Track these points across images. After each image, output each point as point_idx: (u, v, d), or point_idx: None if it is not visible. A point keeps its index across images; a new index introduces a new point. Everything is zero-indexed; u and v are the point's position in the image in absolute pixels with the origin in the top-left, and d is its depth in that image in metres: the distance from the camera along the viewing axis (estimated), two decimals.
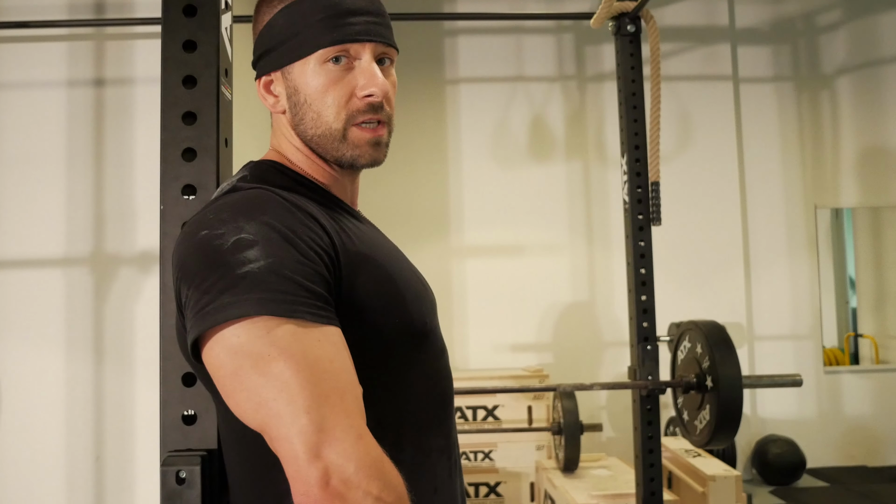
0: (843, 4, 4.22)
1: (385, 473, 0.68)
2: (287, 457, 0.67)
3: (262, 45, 0.87)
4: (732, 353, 1.86)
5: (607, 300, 3.94)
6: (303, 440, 0.66)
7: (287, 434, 0.67)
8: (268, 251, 0.71)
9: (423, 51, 4.01)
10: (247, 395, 0.69)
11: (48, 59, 2.55)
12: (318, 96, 0.83)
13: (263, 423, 0.69)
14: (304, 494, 0.66)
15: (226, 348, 0.70)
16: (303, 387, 0.67)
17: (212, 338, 0.71)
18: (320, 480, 0.65)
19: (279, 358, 0.68)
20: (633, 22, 2.11)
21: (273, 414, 0.67)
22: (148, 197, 2.51)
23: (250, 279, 0.69)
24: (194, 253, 0.73)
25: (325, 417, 0.67)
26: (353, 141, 0.85)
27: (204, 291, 0.71)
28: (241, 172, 0.86)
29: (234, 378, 0.70)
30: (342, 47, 0.83)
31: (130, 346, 2.47)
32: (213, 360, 0.72)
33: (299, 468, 0.66)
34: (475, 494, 3.31)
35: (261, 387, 0.68)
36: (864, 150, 4.17)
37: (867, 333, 4.52)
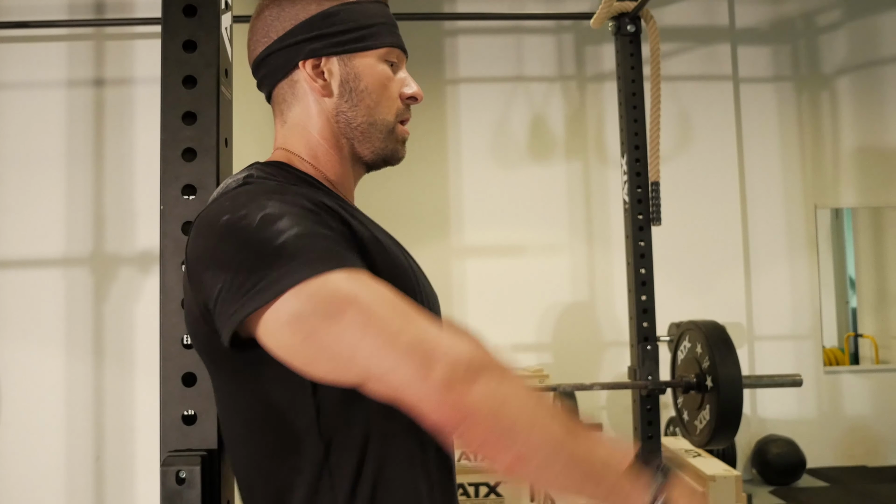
0: (843, 4, 4.22)
1: (491, 357, 0.70)
2: (401, 384, 0.67)
3: (313, 29, 0.88)
4: (732, 353, 1.86)
5: (607, 300, 3.94)
6: (408, 363, 0.67)
7: (390, 366, 0.67)
8: (296, 220, 0.73)
9: (423, 51, 4.01)
10: (331, 353, 0.70)
11: (48, 59, 2.55)
12: (381, 88, 0.90)
13: (361, 371, 0.69)
14: (435, 409, 0.67)
15: (288, 319, 0.70)
16: (382, 318, 0.69)
17: (265, 314, 0.70)
18: (443, 387, 0.66)
19: (348, 305, 0.69)
20: (633, 22, 2.11)
21: (367, 356, 0.68)
22: (148, 197, 2.51)
23: (289, 247, 0.70)
24: (222, 238, 0.74)
25: (415, 335, 0.68)
26: (399, 136, 0.93)
27: (245, 272, 0.71)
28: (246, 170, 0.86)
29: (311, 343, 0.70)
30: (400, 53, 0.92)
31: (130, 346, 2.47)
32: (278, 336, 0.71)
33: (419, 389, 0.67)
34: (475, 494, 3.31)
35: (343, 338, 0.69)
36: (864, 150, 4.16)
37: (867, 333, 4.52)
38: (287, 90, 0.91)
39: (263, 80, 0.93)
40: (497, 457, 0.69)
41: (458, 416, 0.67)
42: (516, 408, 0.68)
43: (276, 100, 0.92)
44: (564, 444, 0.70)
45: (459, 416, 0.67)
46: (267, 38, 0.90)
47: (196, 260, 0.77)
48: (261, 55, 0.90)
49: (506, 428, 0.67)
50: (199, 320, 0.79)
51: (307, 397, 0.77)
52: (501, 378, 0.69)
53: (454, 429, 0.68)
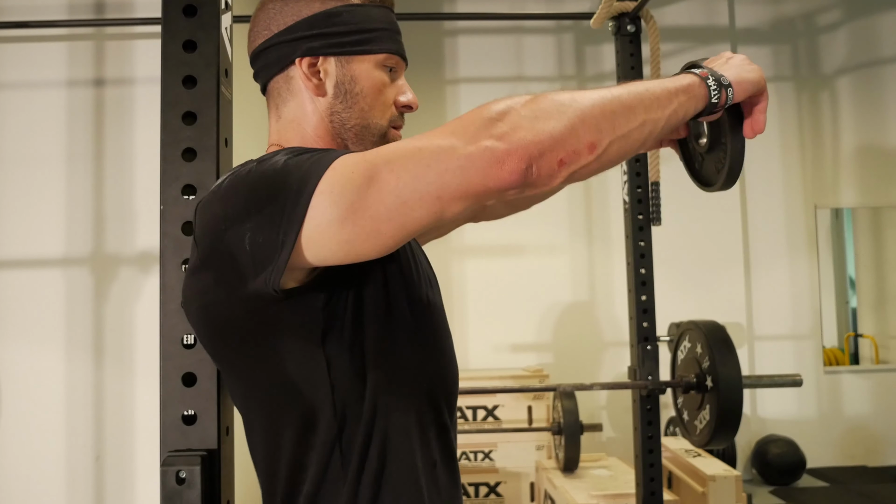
0: (843, 4, 4.22)
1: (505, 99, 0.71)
2: (462, 175, 0.67)
3: (314, 28, 0.88)
4: (732, 353, 1.86)
5: (607, 300, 3.94)
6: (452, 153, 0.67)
7: (441, 169, 0.68)
8: (315, 151, 0.75)
9: (423, 51, 4.01)
10: (394, 207, 0.69)
11: (48, 59, 2.55)
12: (376, 92, 0.90)
13: (423, 198, 0.68)
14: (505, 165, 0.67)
15: (335, 213, 0.69)
16: (410, 148, 0.70)
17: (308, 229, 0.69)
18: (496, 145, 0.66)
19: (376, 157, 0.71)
20: (633, 22, 2.11)
21: (422, 168, 0.68)
22: (148, 197, 2.51)
23: (318, 159, 0.72)
24: (249, 187, 0.74)
25: (442, 136, 0.69)
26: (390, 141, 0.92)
27: (270, 206, 0.71)
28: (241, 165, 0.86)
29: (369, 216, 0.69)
30: (399, 60, 0.92)
31: (130, 346, 2.47)
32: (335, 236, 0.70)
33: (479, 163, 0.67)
34: (475, 494, 3.31)
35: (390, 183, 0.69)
36: (864, 150, 4.16)
37: (867, 333, 4.52)
38: (282, 85, 0.91)
39: (260, 71, 0.93)
40: (580, 161, 0.70)
41: (525, 156, 0.67)
42: (560, 106, 0.69)
43: (272, 93, 0.93)
44: (619, 97, 0.73)
45: (526, 156, 0.67)
46: (267, 31, 0.90)
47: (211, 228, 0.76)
48: (259, 47, 0.91)
49: (567, 134, 0.68)
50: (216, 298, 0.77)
51: (322, 374, 0.78)
52: (528, 101, 0.70)
53: (532, 172, 0.68)
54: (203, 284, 0.79)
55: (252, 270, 0.73)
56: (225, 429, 0.95)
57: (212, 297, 0.78)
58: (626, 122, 0.73)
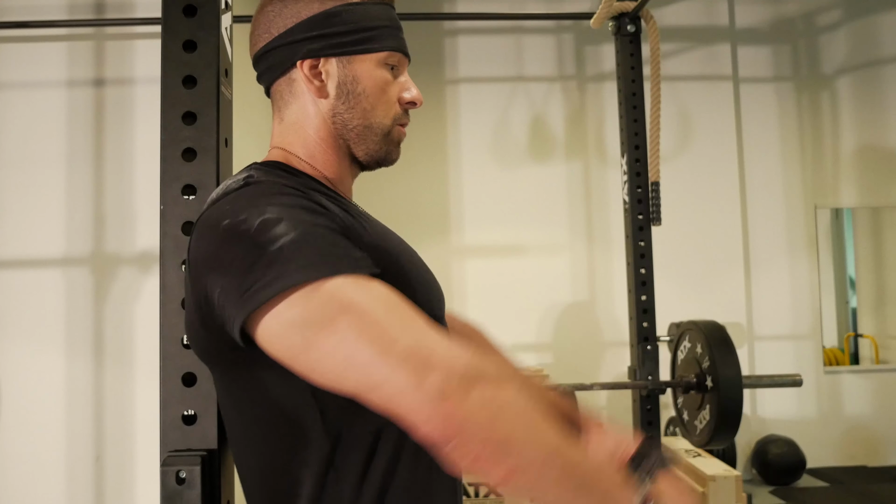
0: (843, 4, 4.22)
1: (487, 366, 0.69)
2: (394, 396, 0.66)
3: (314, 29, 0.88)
4: (732, 353, 1.86)
5: (607, 300, 3.94)
6: (401, 372, 0.65)
7: (384, 376, 0.66)
8: (294, 224, 0.72)
9: (423, 51, 4.00)
10: (327, 362, 0.69)
11: (48, 59, 2.55)
12: (379, 91, 0.89)
13: (356, 382, 0.68)
14: (428, 420, 0.65)
15: (285, 323, 0.70)
16: (377, 327, 0.68)
17: (263, 318, 0.70)
18: (436, 398, 0.65)
19: (343, 313, 0.68)
20: (633, 22, 2.11)
21: (361, 366, 0.67)
22: (148, 197, 2.51)
23: (286, 251, 0.70)
24: (222, 242, 0.74)
25: (410, 344, 0.67)
26: (395, 138, 0.92)
27: (243, 274, 0.71)
28: (245, 171, 0.86)
29: (308, 351, 0.70)
30: (401, 57, 0.91)
31: (130, 346, 2.47)
32: (275, 340, 0.71)
33: (412, 399, 0.65)
34: (475, 494, 3.30)
35: (338, 348, 0.68)
36: (864, 150, 4.16)
37: (867, 333, 4.52)
38: (285, 87, 0.90)
39: (262, 75, 0.93)
40: (490, 471, 0.67)
41: (451, 428, 0.65)
42: (511, 420, 0.67)
43: (274, 96, 0.92)
44: (558, 455, 0.69)
45: (452, 428, 0.65)
46: (268, 34, 0.89)
47: (197, 263, 0.77)
48: (261, 50, 0.90)
49: (500, 441, 0.66)
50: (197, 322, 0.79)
51: (308, 399, 0.77)
52: (497, 387, 0.67)
53: (447, 442, 0.66)
54: (189, 305, 0.81)
55: (223, 319, 0.74)
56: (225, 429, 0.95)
57: (196, 324, 0.80)
58: (550, 484, 0.69)
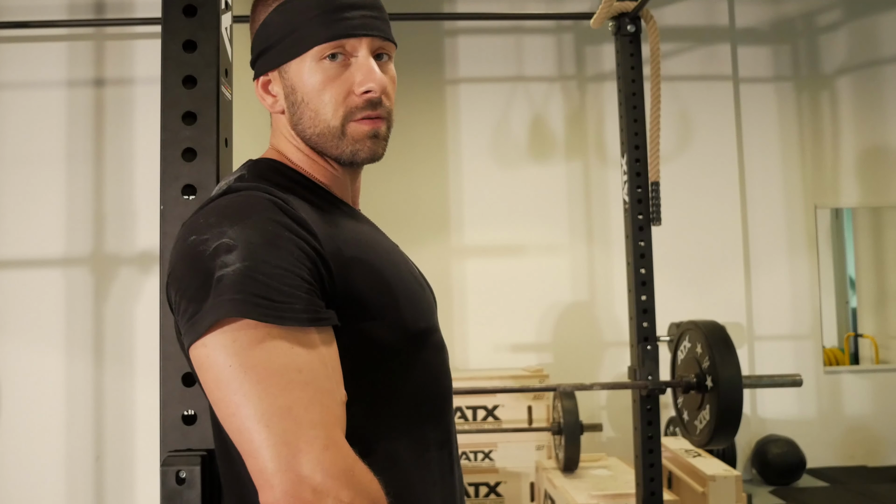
0: (843, 4, 4.22)
1: (357, 480, 0.67)
2: (253, 471, 0.65)
3: (258, 45, 0.87)
4: (732, 353, 1.86)
5: (607, 300, 3.94)
6: (267, 454, 0.64)
7: (251, 448, 0.65)
8: (246, 254, 0.69)
9: (423, 51, 4.01)
10: (220, 407, 0.69)
11: (48, 59, 2.55)
12: (316, 94, 0.82)
13: (235, 440, 0.68)
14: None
15: (200, 361, 0.70)
16: (263, 400, 0.66)
17: (194, 346, 0.71)
18: (288, 493, 0.63)
19: (242, 371, 0.67)
20: (633, 22, 2.11)
21: (238, 428, 0.67)
22: (148, 197, 2.51)
23: (224, 282, 0.68)
24: (182, 259, 0.74)
25: (288, 430, 0.65)
26: (352, 135, 0.83)
27: (189, 299, 0.71)
28: (239, 171, 0.86)
29: (211, 391, 0.70)
30: (338, 43, 0.81)
31: (130, 346, 2.47)
32: (196, 371, 0.72)
33: (266, 481, 0.64)
34: (475, 494, 3.31)
35: (228, 400, 0.67)
36: (864, 150, 4.17)
37: (867, 333, 4.52)
38: None
39: None
40: None
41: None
42: None
43: None
44: None
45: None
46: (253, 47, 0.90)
47: (168, 273, 0.77)
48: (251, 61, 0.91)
49: None
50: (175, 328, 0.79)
51: None
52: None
53: None
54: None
55: None
56: None
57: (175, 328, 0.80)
58: None
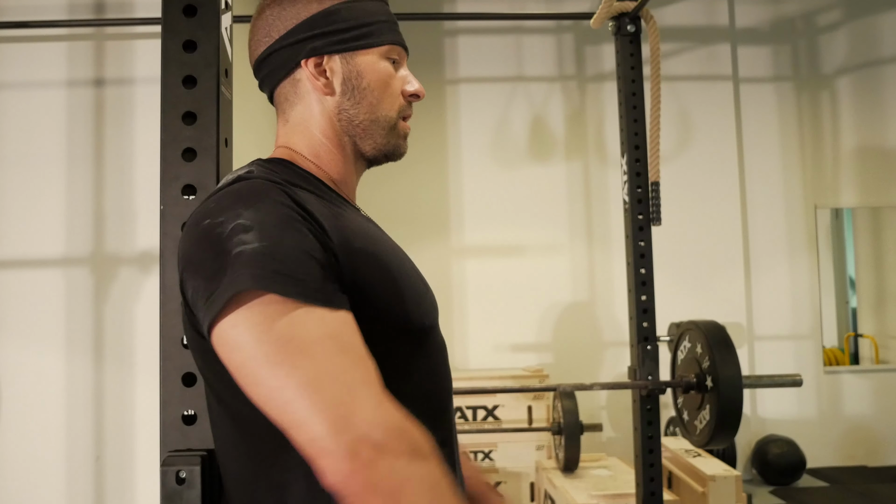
0: (843, 4, 4.22)
1: (411, 435, 0.68)
2: (307, 442, 0.66)
3: (314, 28, 0.88)
4: (732, 353, 1.86)
5: (607, 300, 3.94)
6: (321, 420, 0.65)
7: (300, 418, 0.66)
8: (263, 234, 0.71)
9: (423, 51, 4.00)
10: (257, 388, 0.69)
11: (48, 59, 2.55)
12: (383, 85, 0.91)
13: (280, 415, 0.68)
14: (335, 473, 0.64)
15: (226, 339, 0.70)
16: (307, 368, 0.67)
17: (216, 326, 0.71)
18: (349, 454, 0.64)
19: (279, 343, 0.68)
20: (633, 22, 2.11)
21: (284, 403, 0.67)
22: (148, 197, 2.51)
23: (244, 258, 0.70)
24: (197, 243, 0.75)
25: (338, 394, 0.66)
26: (400, 132, 0.93)
27: (208, 279, 0.71)
28: (247, 167, 0.86)
29: (243, 370, 0.70)
30: (401, 50, 0.93)
31: (130, 346, 2.47)
32: (221, 353, 0.72)
33: (323, 448, 0.65)
34: None
35: (267, 377, 0.68)
36: (864, 150, 4.16)
37: (867, 333, 4.52)
38: (289, 89, 0.91)
39: (265, 79, 0.92)
40: None
41: (352, 488, 0.64)
42: (416, 495, 0.66)
43: (279, 99, 0.92)
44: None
45: (354, 489, 0.64)
46: (268, 38, 0.90)
47: (180, 260, 0.78)
48: (262, 55, 0.90)
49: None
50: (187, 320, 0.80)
51: None
52: (411, 461, 0.67)
53: (347, 498, 0.65)
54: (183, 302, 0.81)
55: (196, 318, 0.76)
56: None
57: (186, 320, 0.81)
58: None
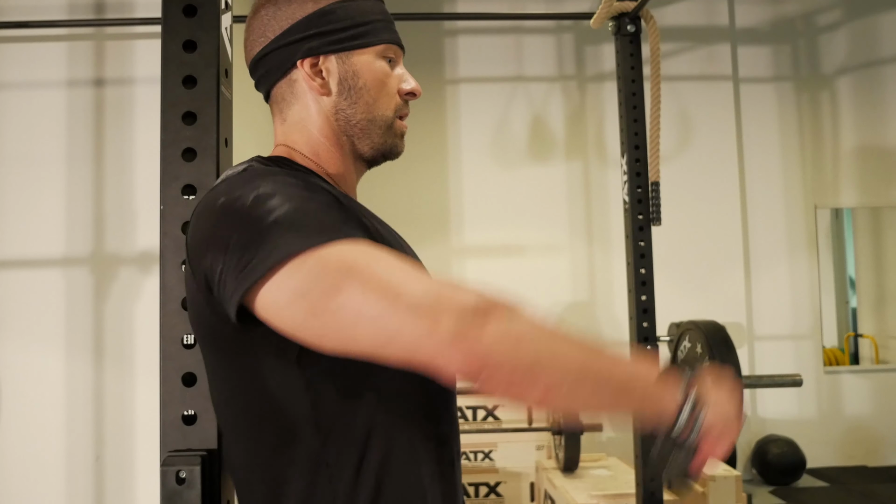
0: (843, 4, 4.22)
1: (489, 298, 0.68)
2: (410, 344, 0.66)
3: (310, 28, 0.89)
4: (732, 353, 1.86)
5: (607, 300, 3.94)
6: (414, 320, 0.66)
7: (396, 327, 0.66)
8: (287, 197, 0.73)
9: (423, 51, 4.01)
10: (337, 325, 0.69)
11: (48, 59, 2.55)
12: (379, 84, 0.90)
13: (370, 339, 0.68)
14: (450, 362, 0.65)
15: (288, 292, 0.70)
16: (381, 281, 0.68)
17: (264, 291, 0.70)
18: (453, 338, 0.65)
19: (346, 273, 0.68)
20: (633, 22, 2.11)
21: (373, 320, 0.67)
22: (148, 197, 2.51)
23: (281, 222, 0.71)
24: (219, 220, 0.75)
25: (417, 292, 0.67)
26: (397, 131, 0.93)
27: (241, 250, 0.71)
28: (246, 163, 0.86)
29: (315, 317, 0.69)
30: (397, 49, 0.93)
31: (130, 346, 2.47)
32: (279, 311, 0.71)
33: (429, 344, 0.65)
34: (475, 494, 3.31)
35: (346, 307, 0.68)
36: (864, 150, 4.16)
37: (867, 333, 4.52)
38: (286, 89, 0.91)
39: (261, 79, 0.93)
40: (525, 395, 0.68)
41: (475, 363, 0.65)
42: (534, 341, 0.67)
43: (275, 99, 0.92)
44: (589, 366, 0.70)
45: (477, 363, 0.65)
46: (264, 38, 0.90)
47: (196, 245, 0.77)
48: (258, 55, 0.91)
49: (528, 365, 0.66)
50: (202, 307, 0.79)
51: (300, 392, 0.77)
52: (512, 316, 0.68)
53: (475, 378, 0.66)
54: (192, 292, 0.81)
55: (220, 297, 0.75)
56: None
57: (198, 306, 0.81)
58: (588, 395, 0.71)
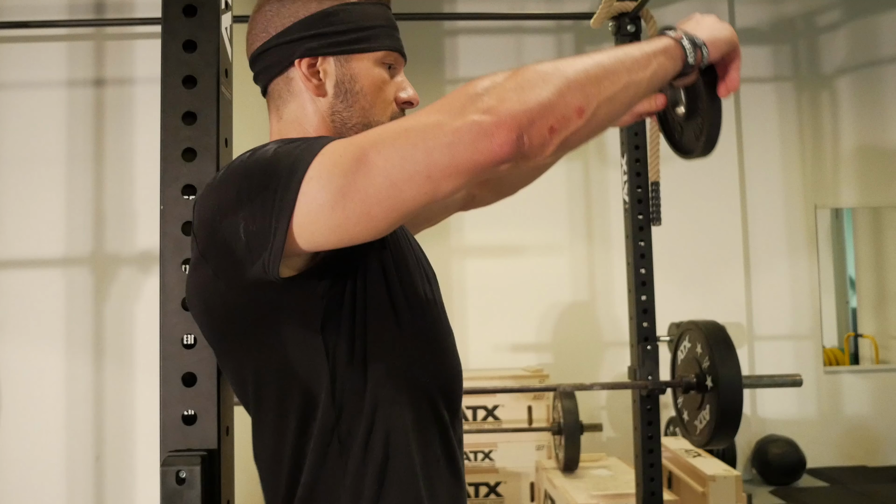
0: (843, 4, 4.22)
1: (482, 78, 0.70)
2: (461, 155, 0.67)
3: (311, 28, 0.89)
4: (732, 353, 1.86)
5: (607, 300, 3.94)
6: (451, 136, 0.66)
7: (441, 149, 0.67)
8: (305, 141, 0.74)
9: (423, 51, 4.01)
10: (383, 181, 0.69)
11: (48, 59, 2.55)
12: (375, 90, 0.90)
13: (423, 177, 0.68)
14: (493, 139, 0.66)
15: (323, 199, 0.69)
16: (404, 131, 0.69)
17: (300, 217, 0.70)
18: (483, 119, 0.66)
19: (364, 144, 0.70)
20: (633, 22, 2.11)
21: (417, 159, 0.68)
22: (148, 197, 2.51)
23: (307, 146, 0.72)
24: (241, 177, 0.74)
25: (431, 114, 0.69)
26: None
27: (262, 195, 0.71)
28: None
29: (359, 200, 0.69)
30: (398, 56, 0.92)
31: (130, 346, 2.47)
32: (325, 222, 0.70)
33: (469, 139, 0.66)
34: (475, 494, 3.31)
35: (387, 164, 0.68)
36: (864, 150, 4.16)
37: (867, 333, 4.52)
38: (283, 86, 0.91)
39: (259, 74, 0.93)
40: (570, 129, 0.70)
41: (515, 127, 0.67)
42: (543, 82, 0.69)
43: (272, 95, 0.93)
44: (594, 64, 0.73)
45: (516, 126, 0.67)
46: (265, 34, 0.90)
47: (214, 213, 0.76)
48: (258, 50, 0.91)
49: (554, 103, 0.68)
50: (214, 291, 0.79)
51: (321, 361, 0.79)
52: (512, 74, 0.70)
53: (524, 142, 0.67)
54: (203, 277, 0.80)
55: (249, 258, 0.73)
56: (225, 429, 0.95)
57: (212, 288, 0.80)
58: (610, 84, 0.73)
